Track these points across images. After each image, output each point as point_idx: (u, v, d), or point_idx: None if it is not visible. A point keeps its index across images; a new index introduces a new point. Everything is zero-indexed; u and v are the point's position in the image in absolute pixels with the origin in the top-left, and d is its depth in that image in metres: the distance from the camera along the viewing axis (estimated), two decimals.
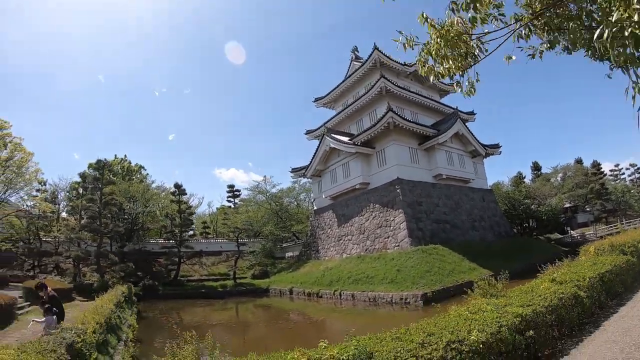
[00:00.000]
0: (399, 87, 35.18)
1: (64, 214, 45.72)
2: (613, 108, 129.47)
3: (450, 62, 4.74)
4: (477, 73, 4.94)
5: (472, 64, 4.87)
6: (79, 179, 43.64)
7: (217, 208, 71.24)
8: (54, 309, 9.97)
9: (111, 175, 44.25)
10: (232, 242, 43.33)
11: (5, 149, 38.30)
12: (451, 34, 4.58)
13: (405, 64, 38.20)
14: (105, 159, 39.86)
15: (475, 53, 4.83)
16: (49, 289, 10.97)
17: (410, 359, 4.96)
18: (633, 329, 7.93)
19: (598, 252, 14.06)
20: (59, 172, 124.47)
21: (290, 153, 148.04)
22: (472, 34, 4.76)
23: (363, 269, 26.66)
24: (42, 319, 9.73)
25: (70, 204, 45.20)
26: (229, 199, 65.35)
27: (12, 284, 26.17)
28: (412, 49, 4.81)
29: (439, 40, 4.61)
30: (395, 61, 37.61)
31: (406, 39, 4.71)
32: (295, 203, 58.35)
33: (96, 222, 33.90)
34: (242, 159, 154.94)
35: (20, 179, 40.03)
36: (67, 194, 48.51)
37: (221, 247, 49.21)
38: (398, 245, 27.87)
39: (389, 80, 34.02)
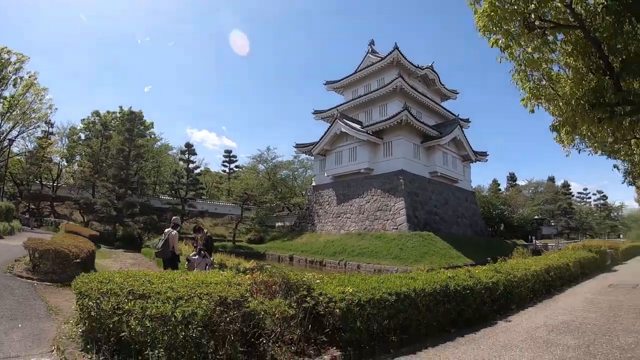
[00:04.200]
0: (410, 87, 38.43)
1: (56, 158, 46.64)
2: None
3: None
4: None
5: None
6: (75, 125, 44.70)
7: (202, 170, 72.21)
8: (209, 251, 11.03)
9: (140, 128, 44.84)
10: (237, 207, 45.96)
11: (20, 83, 38.73)
12: None
13: (418, 67, 41.60)
14: (139, 111, 41.05)
15: None
16: (205, 231, 11.78)
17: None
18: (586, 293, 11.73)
19: (574, 248, 21.55)
20: None
21: (270, 125, 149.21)
22: None
23: (365, 244, 30.14)
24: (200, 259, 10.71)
25: (83, 150, 46.22)
26: (225, 163, 67.37)
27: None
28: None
29: None
30: (410, 62, 40.82)
31: None
32: (292, 176, 61.14)
33: (123, 173, 35.59)
34: (216, 122, 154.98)
35: (34, 116, 40.85)
36: (67, 140, 49.56)
37: (229, 210, 51.83)
38: (396, 228, 31.47)
39: (404, 80, 37.18)
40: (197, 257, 10.77)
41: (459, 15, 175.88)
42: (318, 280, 7.89)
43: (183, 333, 5.69)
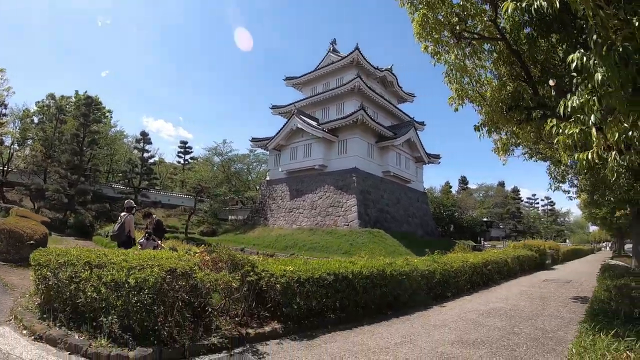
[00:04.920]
0: (368, 87, 39.23)
1: (7, 140, 44.88)
2: None
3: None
4: None
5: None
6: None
7: (157, 160, 71.22)
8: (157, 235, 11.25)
9: (97, 114, 43.69)
10: (191, 198, 45.58)
11: None
12: None
13: (377, 68, 42.53)
14: (95, 96, 40.01)
15: None
16: (154, 215, 12.10)
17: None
18: (522, 286, 12.74)
19: (515, 247, 23.77)
20: None
21: (227, 118, 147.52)
22: None
23: (316, 239, 30.69)
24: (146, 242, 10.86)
25: (36, 134, 44.47)
26: (180, 154, 66.40)
27: None
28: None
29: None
30: (369, 63, 41.63)
31: None
32: (247, 170, 60.82)
33: (77, 159, 34.71)
34: (173, 112, 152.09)
35: None
36: (20, 122, 47.63)
37: (183, 202, 51.40)
38: (347, 225, 32.18)
39: (363, 81, 37.95)
40: (145, 241, 11.01)
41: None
42: (262, 261, 8.55)
43: (135, 298, 6.07)
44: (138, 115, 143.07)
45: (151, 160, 46.85)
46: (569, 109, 5.94)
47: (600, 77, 4.97)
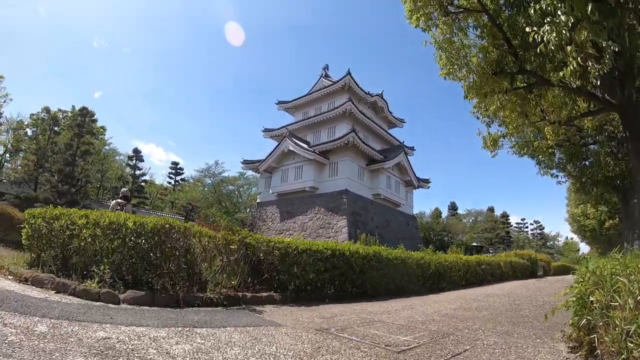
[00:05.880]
0: (360, 111, 39.93)
1: None
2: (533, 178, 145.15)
3: None
4: None
5: None
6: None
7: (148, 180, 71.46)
8: None
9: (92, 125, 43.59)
10: (180, 218, 45.50)
11: None
12: None
13: (368, 93, 43.41)
14: (90, 108, 40.03)
15: None
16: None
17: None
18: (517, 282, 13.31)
19: (507, 255, 25.60)
20: None
21: (218, 141, 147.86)
22: None
23: None
24: None
25: (29, 146, 44.16)
26: (171, 175, 66.47)
27: None
28: None
29: None
30: (361, 88, 42.51)
31: None
32: (237, 193, 60.80)
33: (69, 169, 34.58)
34: (163, 136, 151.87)
35: None
36: (12, 132, 47.44)
37: None
38: None
39: (354, 105, 38.66)
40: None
41: (416, 51, 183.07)
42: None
43: (132, 242, 6.14)
44: (129, 138, 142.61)
45: (142, 178, 46.85)
46: (539, 11, 6.88)
47: None
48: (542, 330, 5.92)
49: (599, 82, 9.09)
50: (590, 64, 7.14)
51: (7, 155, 46.02)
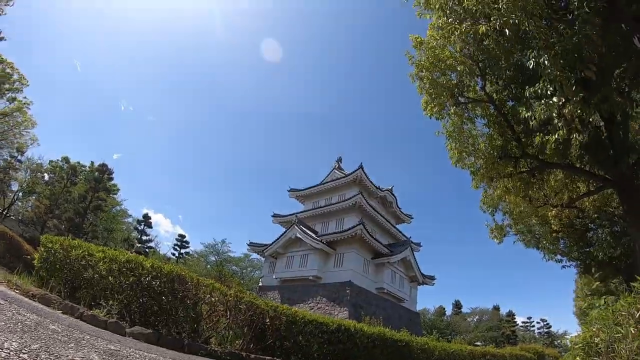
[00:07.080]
0: (369, 205, 41.22)
1: (14, 187, 45.12)
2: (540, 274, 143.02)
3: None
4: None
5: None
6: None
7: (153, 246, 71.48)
8: None
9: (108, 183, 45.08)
10: None
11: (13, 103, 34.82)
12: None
13: (378, 187, 45.04)
14: (109, 165, 41.41)
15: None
16: None
17: None
18: None
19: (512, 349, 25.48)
20: None
21: (225, 222, 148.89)
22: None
23: None
24: None
25: (44, 191, 44.64)
26: (176, 246, 66.82)
27: None
28: None
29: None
30: (372, 182, 44.22)
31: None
32: (240, 274, 60.67)
33: (79, 219, 35.31)
34: (173, 209, 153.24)
35: (15, 141, 38.36)
36: (30, 173, 48.32)
37: None
38: None
39: (364, 198, 40.05)
40: None
41: (428, 149, 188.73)
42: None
43: (147, 282, 6.33)
44: (139, 204, 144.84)
45: (148, 244, 47.39)
46: (532, 93, 8.20)
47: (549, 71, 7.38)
48: None
49: (581, 152, 10.39)
50: (574, 136, 8.45)
51: (20, 194, 46.59)
